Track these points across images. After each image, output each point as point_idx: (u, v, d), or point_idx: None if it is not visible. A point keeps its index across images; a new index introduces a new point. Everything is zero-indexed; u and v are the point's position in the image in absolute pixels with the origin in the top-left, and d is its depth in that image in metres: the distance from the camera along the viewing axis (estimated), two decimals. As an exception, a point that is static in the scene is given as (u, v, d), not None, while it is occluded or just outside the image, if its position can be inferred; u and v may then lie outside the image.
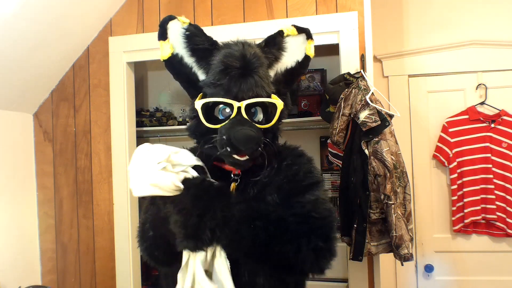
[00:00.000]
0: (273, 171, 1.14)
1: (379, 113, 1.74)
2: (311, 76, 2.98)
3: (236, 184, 1.14)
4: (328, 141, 2.01)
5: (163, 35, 1.17)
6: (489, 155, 2.55)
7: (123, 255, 2.31)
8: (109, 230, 2.35)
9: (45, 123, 2.44)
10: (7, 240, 2.22)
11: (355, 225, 1.79)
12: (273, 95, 1.11)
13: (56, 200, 2.43)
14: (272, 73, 1.19)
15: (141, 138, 3.13)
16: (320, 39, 2.11)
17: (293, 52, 1.22)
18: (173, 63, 1.18)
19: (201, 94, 1.12)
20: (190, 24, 1.17)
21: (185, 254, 1.05)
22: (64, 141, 2.43)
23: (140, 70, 3.29)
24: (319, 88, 2.93)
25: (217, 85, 1.08)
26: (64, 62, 2.38)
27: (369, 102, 1.73)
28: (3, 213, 2.20)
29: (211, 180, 1.03)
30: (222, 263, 1.03)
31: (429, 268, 2.67)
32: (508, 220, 2.52)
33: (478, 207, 2.56)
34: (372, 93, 1.78)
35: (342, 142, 1.87)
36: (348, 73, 1.94)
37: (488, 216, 2.55)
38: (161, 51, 1.18)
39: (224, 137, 1.03)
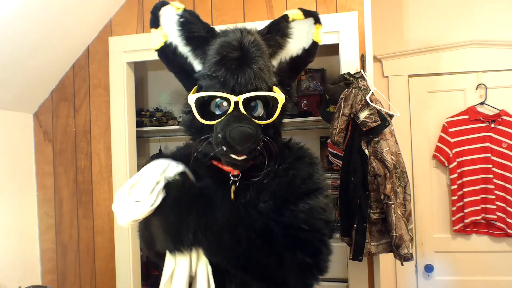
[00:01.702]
0: (272, 173, 1.05)
1: (379, 113, 1.74)
2: (311, 76, 2.98)
3: (235, 186, 1.05)
4: (328, 141, 2.01)
5: (155, 23, 1.08)
6: (489, 155, 2.55)
7: (123, 255, 2.31)
8: (109, 230, 2.35)
9: (45, 123, 2.44)
10: (7, 240, 2.22)
11: (355, 225, 1.79)
12: (275, 88, 1.01)
13: (56, 200, 2.43)
14: (275, 62, 1.09)
15: (141, 138, 3.13)
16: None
17: (299, 38, 1.10)
18: (167, 53, 1.09)
19: (196, 87, 1.03)
20: (184, 10, 1.07)
21: (170, 261, 1.02)
22: (64, 141, 2.43)
23: (140, 70, 3.29)
24: (319, 88, 2.93)
25: (213, 77, 0.98)
26: (64, 62, 2.38)
27: (369, 102, 1.73)
28: (3, 213, 2.20)
29: (193, 182, 1.01)
30: (202, 269, 1.00)
31: (429, 268, 2.67)
32: (508, 220, 2.52)
33: (478, 207, 2.56)
34: (372, 93, 1.78)
35: (342, 142, 1.86)
36: (348, 73, 1.94)
37: (488, 216, 2.55)
38: (153, 40, 1.09)
39: (220, 135, 0.94)
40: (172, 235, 0.96)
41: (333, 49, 2.17)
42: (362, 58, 2.01)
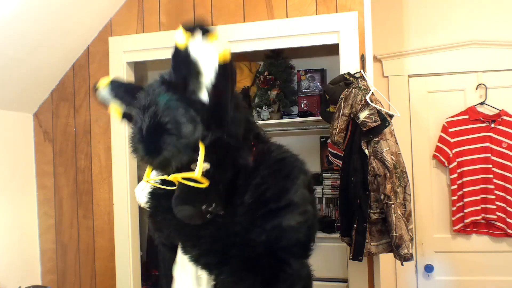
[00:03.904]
0: (247, 187, 1.04)
1: (379, 113, 1.74)
2: (311, 76, 2.98)
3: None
4: (328, 141, 2.01)
5: (104, 102, 1.11)
6: (489, 155, 2.55)
7: (123, 255, 2.31)
8: (109, 230, 2.35)
9: (45, 123, 2.44)
10: (7, 240, 2.22)
11: (355, 225, 1.79)
12: (200, 143, 0.93)
13: (56, 200, 2.43)
14: (202, 93, 0.95)
15: (141, 138, 3.11)
16: (320, 39, 2.11)
17: (206, 60, 0.93)
18: (129, 120, 1.08)
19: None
20: (110, 82, 1.10)
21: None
22: (64, 141, 2.42)
23: (140, 70, 3.29)
24: (319, 88, 2.93)
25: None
26: (64, 62, 2.37)
27: (369, 102, 1.73)
28: (3, 213, 2.20)
29: (163, 187, 1.06)
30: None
31: (429, 268, 2.66)
32: (508, 220, 2.52)
33: (478, 207, 2.56)
34: (372, 93, 1.78)
35: (342, 142, 1.86)
36: (348, 73, 1.94)
37: (488, 216, 2.54)
38: (113, 116, 1.13)
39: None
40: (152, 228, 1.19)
41: (333, 49, 2.17)
42: (362, 58, 2.01)
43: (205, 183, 0.95)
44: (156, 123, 0.91)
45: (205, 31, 0.91)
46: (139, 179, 2.60)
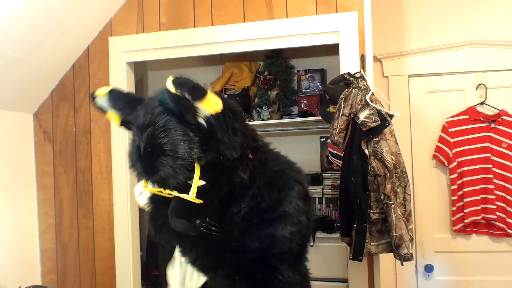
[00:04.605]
0: (243, 199, 1.08)
1: (379, 113, 1.74)
2: (311, 76, 2.98)
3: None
4: (328, 141, 2.01)
5: (102, 110, 1.13)
6: (489, 155, 2.55)
7: (123, 255, 2.31)
8: (109, 230, 2.35)
9: (45, 123, 2.44)
10: (7, 240, 2.22)
11: (355, 225, 1.79)
12: (196, 163, 0.95)
13: (56, 200, 2.43)
14: (200, 119, 0.97)
15: (141, 138, 3.12)
16: (320, 39, 2.12)
17: (197, 111, 0.96)
18: (127, 127, 1.11)
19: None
20: (109, 91, 1.11)
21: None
22: (64, 141, 2.42)
23: (140, 70, 3.29)
24: (319, 88, 2.93)
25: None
26: (64, 62, 2.38)
27: (369, 102, 1.74)
28: (3, 213, 2.20)
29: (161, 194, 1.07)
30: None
31: (429, 268, 2.66)
32: (508, 220, 2.52)
33: (478, 207, 2.56)
34: (372, 93, 1.78)
35: (342, 142, 1.86)
36: (348, 73, 1.94)
37: (488, 216, 2.54)
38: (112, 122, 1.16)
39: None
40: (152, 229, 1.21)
41: (333, 49, 2.17)
42: (362, 58, 2.01)
43: (199, 202, 0.97)
44: (154, 144, 0.93)
45: (195, 96, 0.91)
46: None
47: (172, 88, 0.89)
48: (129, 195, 2.32)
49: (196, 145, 0.94)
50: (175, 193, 0.98)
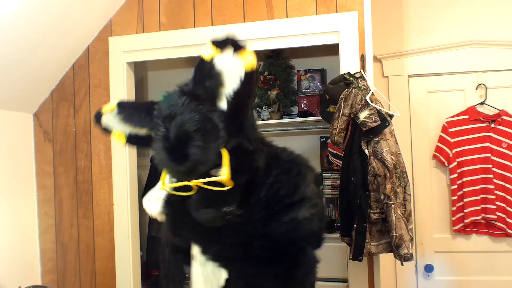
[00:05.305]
0: (260, 188, 1.10)
1: (379, 113, 1.74)
2: (311, 76, 2.98)
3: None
4: (328, 141, 2.01)
5: (105, 131, 1.14)
6: (489, 155, 2.55)
7: (123, 255, 2.31)
8: (109, 230, 2.35)
9: (45, 123, 2.44)
10: (7, 240, 2.22)
11: (355, 225, 1.79)
12: (223, 149, 0.98)
13: (56, 200, 2.43)
14: (223, 102, 1.00)
15: (141, 138, 3.12)
16: (320, 39, 2.12)
17: (232, 71, 0.98)
18: (133, 142, 1.15)
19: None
20: (117, 104, 1.11)
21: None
22: (64, 141, 2.42)
23: (140, 70, 3.29)
24: (319, 88, 2.93)
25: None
26: (64, 62, 2.38)
27: (369, 102, 1.74)
28: (3, 213, 2.20)
29: (178, 193, 1.08)
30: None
31: (429, 268, 2.66)
32: (508, 220, 2.52)
33: (478, 207, 2.56)
34: (372, 93, 1.78)
35: (342, 142, 1.87)
36: (348, 73, 1.94)
37: (488, 216, 2.54)
38: (115, 142, 1.16)
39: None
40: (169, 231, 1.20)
41: (333, 49, 2.17)
42: (362, 58, 2.01)
43: (229, 186, 0.99)
44: (183, 132, 0.95)
45: (237, 48, 0.96)
46: (139, 179, 2.61)
47: (209, 49, 0.94)
48: (129, 195, 2.32)
49: (222, 131, 0.98)
50: (203, 181, 0.98)
